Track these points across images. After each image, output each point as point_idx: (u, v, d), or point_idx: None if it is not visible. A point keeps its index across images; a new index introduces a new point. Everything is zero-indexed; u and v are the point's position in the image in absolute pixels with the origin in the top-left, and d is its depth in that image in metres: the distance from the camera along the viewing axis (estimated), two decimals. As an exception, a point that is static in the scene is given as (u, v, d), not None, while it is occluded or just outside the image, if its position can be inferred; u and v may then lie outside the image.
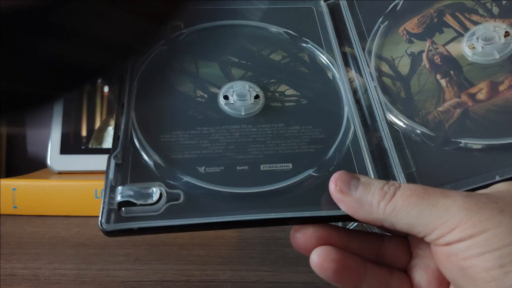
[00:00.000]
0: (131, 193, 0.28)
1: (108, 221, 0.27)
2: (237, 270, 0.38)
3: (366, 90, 0.35)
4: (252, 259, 0.40)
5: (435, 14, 0.36)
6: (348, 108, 0.34)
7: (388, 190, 0.26)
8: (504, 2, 0.34)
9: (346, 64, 0.37)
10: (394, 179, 0.30)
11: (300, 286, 0.36)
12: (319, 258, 0.27)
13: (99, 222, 0.27)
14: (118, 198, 0.28)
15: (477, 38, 0.33)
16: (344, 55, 0.37)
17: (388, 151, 0.31)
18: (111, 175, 0.29)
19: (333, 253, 0.27)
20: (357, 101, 0.35)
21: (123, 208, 0.28)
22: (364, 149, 0.32)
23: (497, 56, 0.32)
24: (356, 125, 0.33)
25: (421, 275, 0.28)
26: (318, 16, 0.40)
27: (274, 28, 0.39)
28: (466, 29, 0.34)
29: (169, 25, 0.39)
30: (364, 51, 0.36)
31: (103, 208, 0.28)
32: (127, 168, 0.30)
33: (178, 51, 0.38)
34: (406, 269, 0.29)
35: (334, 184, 0.27)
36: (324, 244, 0.28)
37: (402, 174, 0.30)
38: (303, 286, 0.36)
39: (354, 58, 0.37)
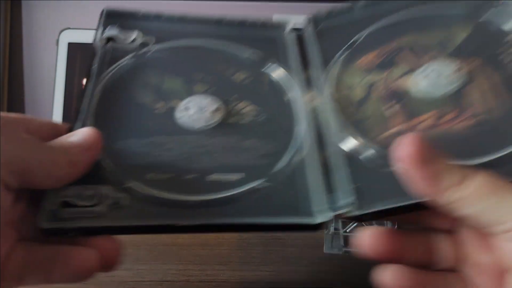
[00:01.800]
0: (72, 194, 0.29)
1: (47, 219, 0.27)
2: (237, 270, 0.39)
3: (320, 111, 0.36)
4: (252, 259, 0.40)
5: (393, 49, 0.39)
6: (303, 126, 0.36)
7: (462, 176, 0.25)
8: (455, 44, 0.37)
9: (306, 85, 0.39)
10: (337, 192, 0.31)
11: (300, 286, 0.37)
12: (393, 278, 0.28)
13: (39, 220, 0.27)
14: (61, 198, 0.28)
15: (428, 74, 0.36)
16: (305, 78, 0.39)
17: (336, 168, 0.33)
18: None
19: (405, 272, 0.28)
20: (312, 120, 0.36)
21: (64, 209, 0.28)
22: (314, 165, 0.33)
23: (444, 91, 0.34)
24: (309, 143, 0.34)
25: (475, 272, 0.28)
26: (283, 44, 0.42)
27: (241, 49, 0.41)
28: (420, 65, 0.37)
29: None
30: (323, 75, 0.38)
31: (44, 206, 0.28)
32: None
33: (145, 65, 0.39)
34: (455, 267, 0.30)
35: (412, 149, 0.26)
36: (381, 247, 0.28)
37: (346, 189, 0.31)
38: (303, 286, 0.37)
39: (314, 81, 0.39)
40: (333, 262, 0.39)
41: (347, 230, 0.40)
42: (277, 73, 0.40)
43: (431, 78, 0.35)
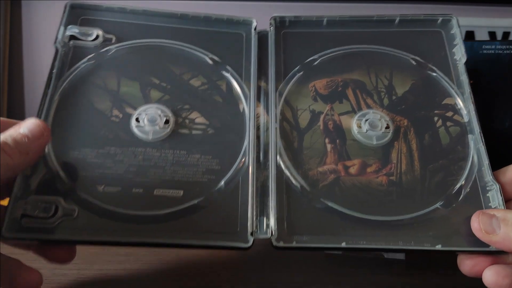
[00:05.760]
0: (30, 206, 0.32)
1: (8, 229, 0.31)
2: (237, 270, 0.39)
3: (267, 129, 0.38)
4: (252, 259, 0.40)
5: (341, 83, 0.41)
6: (247, 143, 0.37)
7: None
8: (393, 98, 0.40)
9: (258, 98, 0.40)
10: (268, 217, 0.34)
11: (300, 286, 0.38)
12: (492, 277, 0.31)
13: (1, 231, 0.30)
14: (20, 210, 0.32)
15: (366, 121, 0.39)
16: (258, 89, 0.40)
17: (270, 192, 0.35)
18: (16, 188, 0.32)
19: (504, 269, 0.31)
20: (258, 137, 0.38)
21: (23, 219, 0.31)
22: (251, 184, 0.35)
23: (374, 142, 0.38)
24: (250, 161, 0.36)
25: None
26: (246, 43, 0.42)
27: (200, 53, 0.41)
28: (360, 109, 0.40)
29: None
30: (276, 91, 0.40)
31: (6, 217, 0.31)
32: (36, 180, 0.33)
33: (104, 66, 0.40)
34: None
35: (478, 227, 0.32)
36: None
37: (275, 215, 0.34)
38: (303, 286, 0.38)
39: (266, 95, 0.40)
40: (333, 262, 0.41)
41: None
42: (233, 81, 0.41)
43: (365, 128, 0.39)
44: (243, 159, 0.37)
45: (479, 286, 0.36)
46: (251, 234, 0.34)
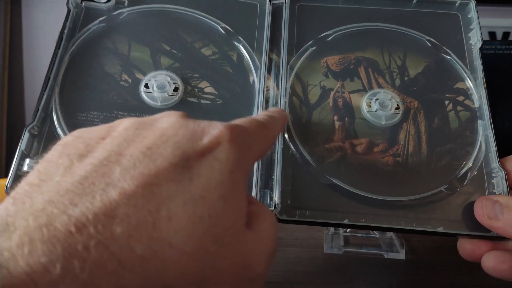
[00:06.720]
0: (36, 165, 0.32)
1: (12, 185, 0.31)
2: None
3: (276, 102, 0.38)
4: None
5: (354, 61, 0.40)
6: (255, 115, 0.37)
7: None
8: (405, 79, 0.40)
9: (269, 71, 0.39)
10: (272, 190, 0.34)
11: (300, 286, 0.38)
12: (491, 262, 0.31)
13: (6, 186, 0.31)
14: (25, 168, 0.32)
15: (376, 100, 0.38)
16: (269, 62, 0.40)
17: (275, 165, 0.35)
18: (23, 146, 0.33)
19: (503, 255, 0.32)
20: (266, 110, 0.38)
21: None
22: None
23: (383, 122, 0.38)
24: None
25: None
26: (260, 14, 0.42)
27: (213, 21, 0.41)
28: (371, 88, 0.39)
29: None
30: (287, 65, 0.39)
31: (11, 174, 0.31)
32: (42, 140, 0.34)
33: (115, 30, 0.39)
34: None
35: (481, 212, 0.32)
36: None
37: (279, 189, 0.34)
38: (303, 286, 0.38)
39: (277, 68, 0.40)
40: (333, 262, 0.41)
41: (347, 230, 0.42)
42: (244, 52, 0.40)
43: (375, 107, 0.38)
44: None
45: (479, 286, 0.36)
46: None
